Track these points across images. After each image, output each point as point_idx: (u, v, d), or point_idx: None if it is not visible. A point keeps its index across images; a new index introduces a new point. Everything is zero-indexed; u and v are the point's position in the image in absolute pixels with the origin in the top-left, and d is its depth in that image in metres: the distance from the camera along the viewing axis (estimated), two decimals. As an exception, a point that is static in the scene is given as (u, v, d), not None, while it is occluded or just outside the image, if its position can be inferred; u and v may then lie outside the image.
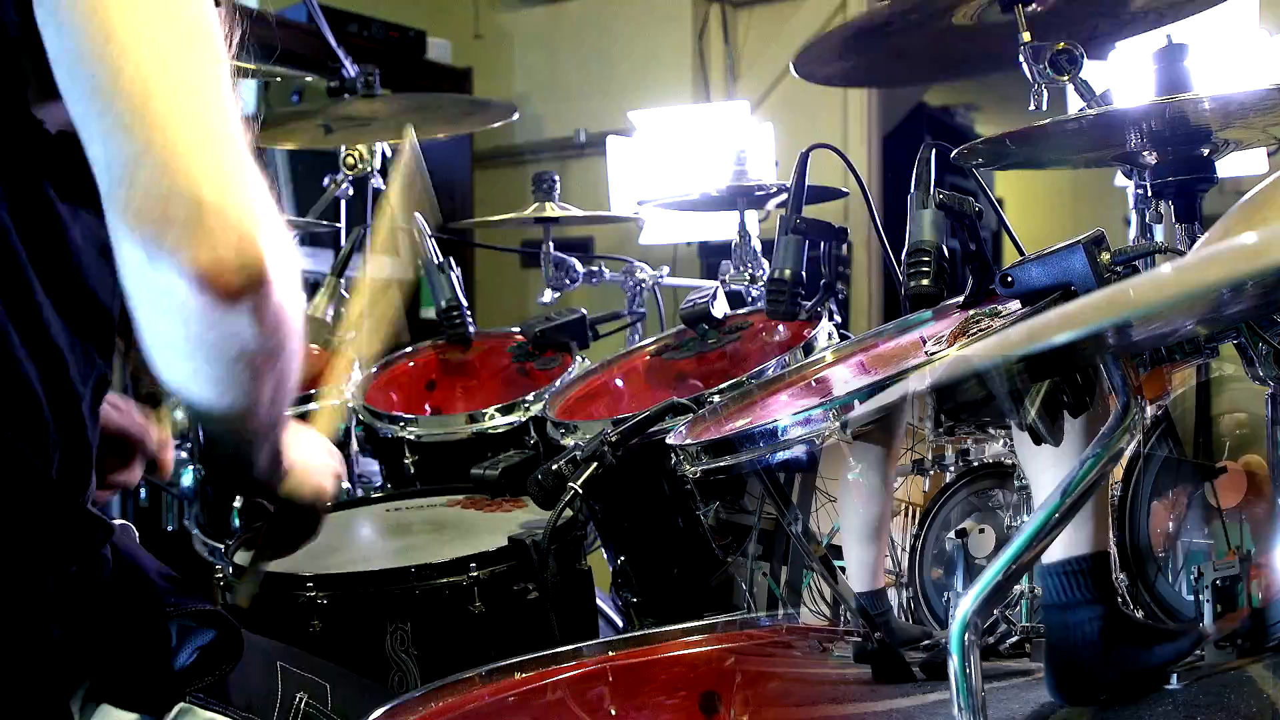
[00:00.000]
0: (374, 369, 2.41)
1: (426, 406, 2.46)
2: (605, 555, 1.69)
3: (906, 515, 1.31)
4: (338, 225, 2.87)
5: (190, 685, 1.13)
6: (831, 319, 1.80)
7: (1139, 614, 1.16)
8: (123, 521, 1.20)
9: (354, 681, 1.32)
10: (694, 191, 2.26)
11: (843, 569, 1.31)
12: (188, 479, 2.45)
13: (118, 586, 1.10)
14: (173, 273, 0.87)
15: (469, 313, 2.42)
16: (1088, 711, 1.09)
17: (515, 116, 2.88)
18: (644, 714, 1.21)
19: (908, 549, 1.30)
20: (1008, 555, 0.82)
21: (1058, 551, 1.12)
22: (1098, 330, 0.55)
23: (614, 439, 1.51)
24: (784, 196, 1.77)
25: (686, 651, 1.27)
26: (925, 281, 1.32)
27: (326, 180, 2.81)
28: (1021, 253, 1.27)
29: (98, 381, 1.07)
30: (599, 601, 1.85)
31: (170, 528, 3.25)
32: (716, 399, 1.52)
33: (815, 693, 1.24)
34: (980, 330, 1.24)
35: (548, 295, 2.53)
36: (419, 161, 1.74)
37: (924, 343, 1.38)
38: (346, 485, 2.35)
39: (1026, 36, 1.44)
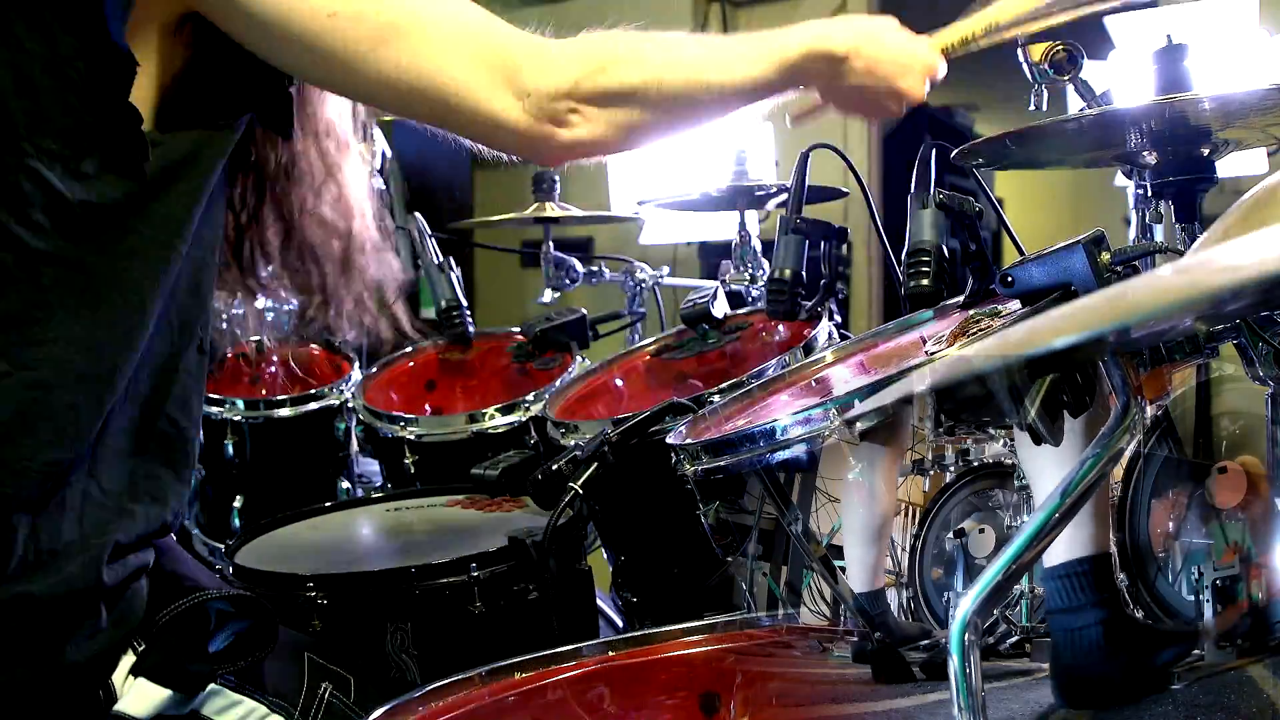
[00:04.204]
0: (374, 369, 2.42)
1: (426, 406, 2.47)
2: (605, 555, 1.69)
3: (906, 515, 1.31)
4: (338, 225, 2.86)
5: (223, 668, 1.15)
6: (831, 319, 1.80)
7: (1139, 614, 1.16)
8: None
9: (376, 678, 1.34)
10: (694, 191, 2.26)
11: (843, 569, 1.31)
12: (187, 479, 2.45)
13: (163, 571, 1.13)
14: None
15: (469, 313, 2.42)
16: (1088, 712, 1.09)
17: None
18: (644, 714, 1.21)
19: (908, 549, 1.30)
20: (1008, 555, 0.82)
21: (1059, 554, 1.11)
22: (1097, 335, 0.55)
23: (614, 439, 1.51)
24: (784, 196, 1.77)
25: (686, 651, 1.27)
26: (925, 281, 1.31)
27: (326, 180, 2.80)
28: (1021, 253, 1.27)
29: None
30: (599, 601, 1.84)
31: (170, 528, 3.24)
32: (716, 399, 1.52)
33: (815, 693, 1.24)
34: (980, 330, 1.24)
35: (548, 295, 2.53)
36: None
37: (924, 343, 1.38)
38: (346, 485, 2.36)
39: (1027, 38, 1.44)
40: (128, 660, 1.08)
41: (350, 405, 2.30)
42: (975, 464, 1.32)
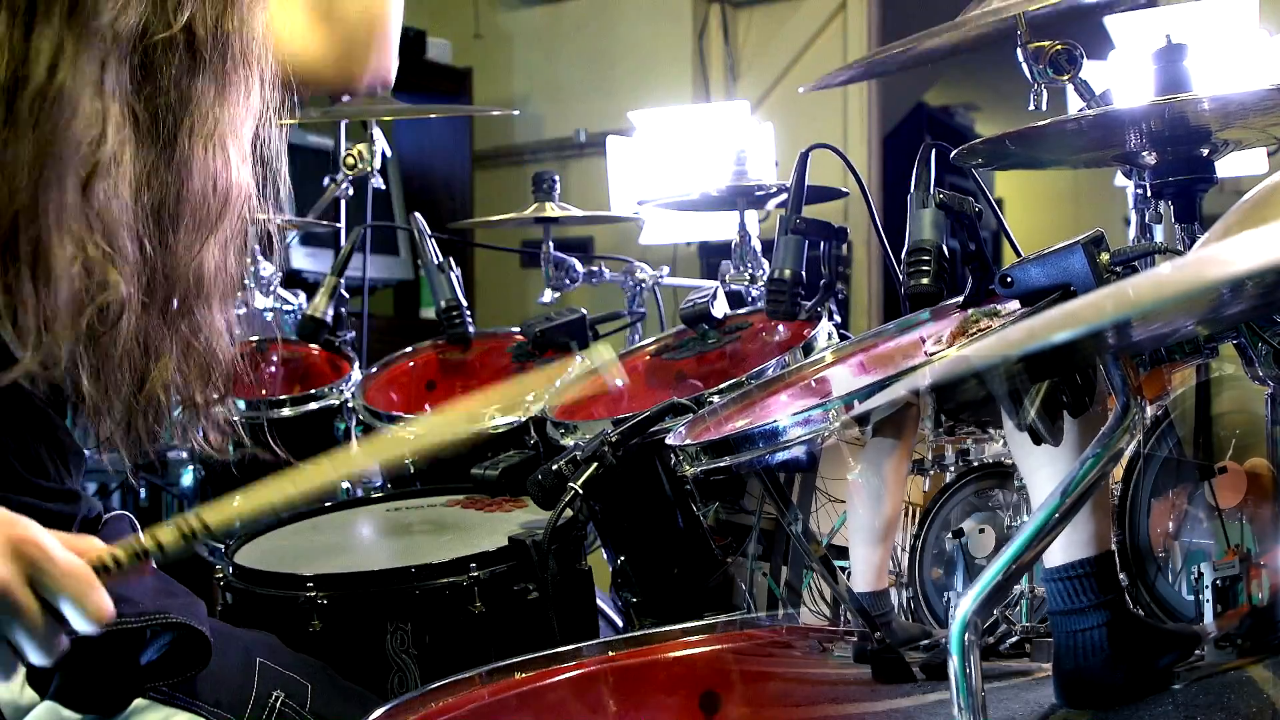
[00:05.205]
0: (374, 369, 2.42)
1: (426, 406, 2.47)
2: (605, 555, 1.69)
3: (906, 515, 1.31)
4: (338, 225, 2.88)
5: (152, 683, 1.10)
6: (831, 319, 1.80)
7: (1139, 614, 1.16)
8: (119, 511, 1.19)
9: (337, 684, 1.29)
10: (694, 191, 2.26)
11: (844, 569, 1.31)
12: (188, 479, 2.45)
13: None
14: None
15: (469, 313, 2.42)
16: (1088, 712, 1.09)
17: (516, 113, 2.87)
18: (644, 714, 1.21)
19: (908, 549, 1.30)
20: (1008, 555, 0.82)
21: (1060, 555, 1.11)
22: (1098, 329, 0.55)
23: (614, 439, 1.51)
24: (784, 196, 1.77)
25: (686, 651, 1.27)
26: (925, 281, 1.31)
27: (326, 180, 2.81)
28: (1021, 253, 1.27)
29: None
30: (599, 601, 1.84)
31: (170, 528, 3.24)
32: (716, 399, 1.52)
33: (815, 693, 1.24)
34: (980, 330, 1.24)
35: (548, 295, 2.53)
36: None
37: (924, 343, 1.38)
38: (346, 485, 2.36)
39: (1026, 36, 1.44)
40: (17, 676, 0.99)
41: (350, 405, 2.30)
42: (975, 464, 1.32)
